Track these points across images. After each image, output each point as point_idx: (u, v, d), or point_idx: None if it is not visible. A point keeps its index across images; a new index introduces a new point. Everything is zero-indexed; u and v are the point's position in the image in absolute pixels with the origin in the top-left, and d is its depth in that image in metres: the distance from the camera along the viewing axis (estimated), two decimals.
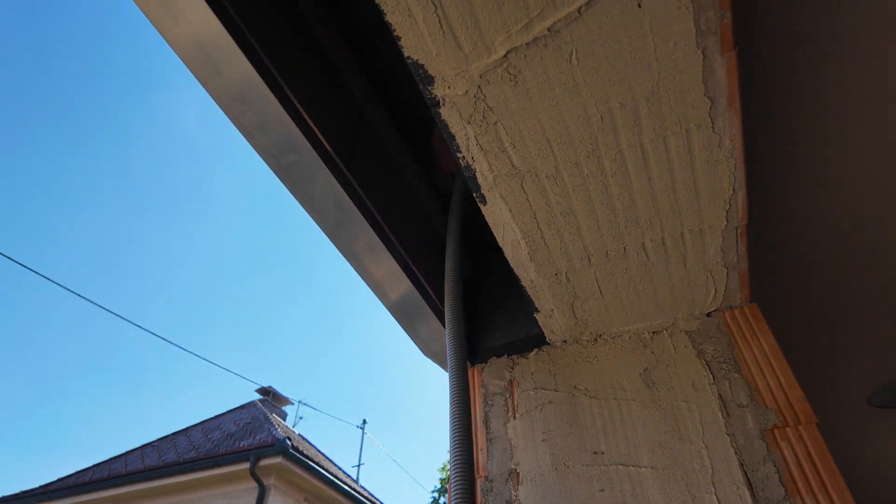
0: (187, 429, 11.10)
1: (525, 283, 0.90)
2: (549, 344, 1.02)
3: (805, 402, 0.78)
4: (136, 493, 8.48)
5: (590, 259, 0.85)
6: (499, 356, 1.05)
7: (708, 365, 0.87)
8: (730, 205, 0.76)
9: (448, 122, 0.67)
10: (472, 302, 1.18)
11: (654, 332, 0.95)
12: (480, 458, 0.92)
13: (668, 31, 0.58)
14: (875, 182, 1.14)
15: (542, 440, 0.89)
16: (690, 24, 0.58)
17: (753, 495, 0.72)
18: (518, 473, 0.88)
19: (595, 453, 0.85)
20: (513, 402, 0.97)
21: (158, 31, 0.67)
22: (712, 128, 0.67)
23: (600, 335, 0.99)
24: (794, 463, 0.73)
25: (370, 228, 0.85)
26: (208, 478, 7.54)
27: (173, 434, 11.05)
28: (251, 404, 11.24)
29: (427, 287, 1.02)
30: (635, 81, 0.63)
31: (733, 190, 0.74)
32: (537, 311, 0.95)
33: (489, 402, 0.99)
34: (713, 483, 0.75)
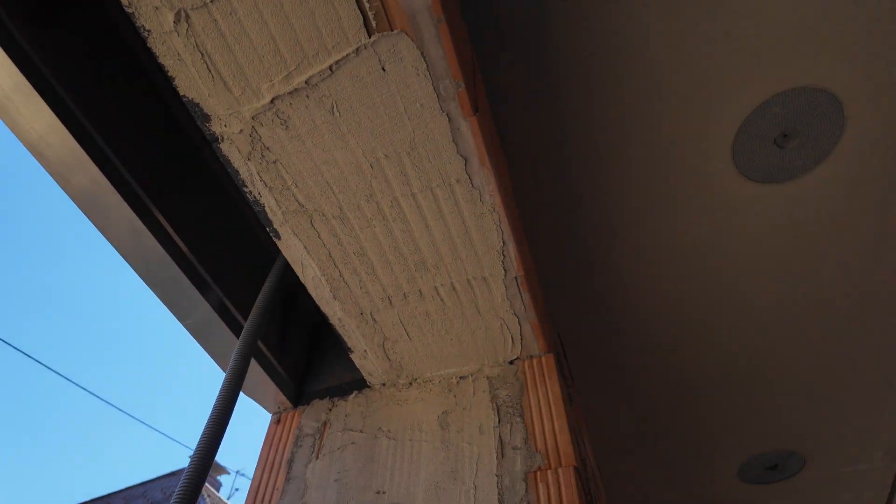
0: (109, 495, 10.28)
1: (334, 322, 0.93)
2: (369, 387, 1.04)
3: (570, 446, 0.83)
4: None
5: (390, 300, 0.90)
6: (321, 398, 1.06)
7: (498, 409, 0.91)
8: (503, 255, 0.84)
9: (229, 158, 0.73)
10: (314, 344, 1.20)
11: (460, 378, 0.99)
12: (275, 497, 0.91)
13: (413, 95, 0.67)
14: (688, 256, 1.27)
15: (335, 480, 0.90)
16: (431, 90, 0.67)
17: None
18: None
19: (378, 492, 0.86)
20: (320, 442, 0.97)
21: None
22: (471, 183, 0.75)
23: (415, 379, 1.02)
24: (545, 502, 0.77)
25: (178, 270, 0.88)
26: None
27: (93, 500, 10.28)
28: (182, 471, 10.49)
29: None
30: (395, 136, 0.71)
31: (503, 241, 0.82)
32: (351, 351, 0.98)
33: (298, 444, 0.99)
34: None
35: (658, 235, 1.24)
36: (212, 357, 0.97)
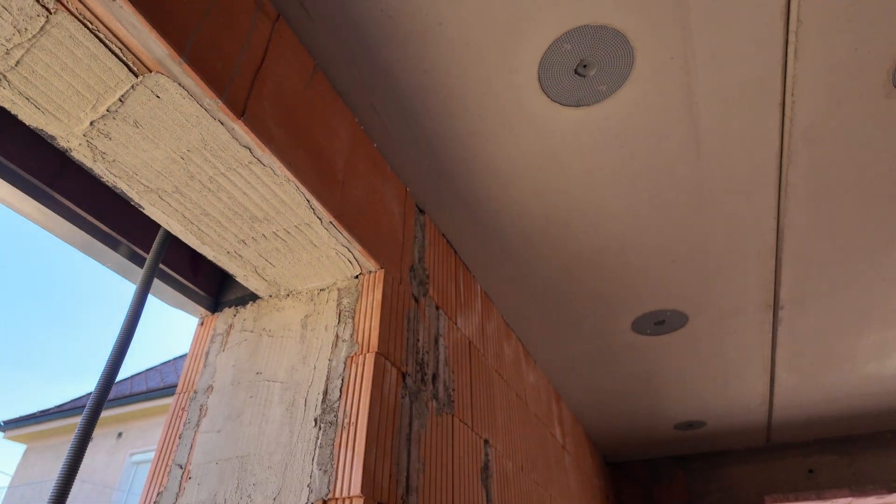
0: (132, 377, 12.43)
1: (212, 259, 1.25)
2: (260, 298, 1.39)
3: (377, 339, 1.16)
4: (141, 411, 10.14)
5: (245, 242, 1.19)
6: (229, 307, 1.42)
7: (340, 313, 1.24)
8: (312, 208, 1.10)
9: (82, 161, 0.99)
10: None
11: (320, 290, 1.32)
12: (195, 379, 1.31)
13: (188, 110, 0.90)
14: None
15: (232, 365, 1.28)
16: (198, 106, 0.89)
17: (324, 398, 1.12)
18: (212, 387, 1.27)
19: (257, 373, 1.24)
20: (225, 340, 1.35)
21: None
22: (261, 163, 0.99)
23: (290, 292, 1.35)
24: (352, 376, 1.12)
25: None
26: None
27: (175, 359, 12.34)
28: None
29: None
30: (188, 138, 0.94)
31: (307, 199, 1.07)
32: (235, 276, 1.31)
33: (213, 341, 1.37)
34: (308, 390, 1.14)
35: (504, 156, 1.43)
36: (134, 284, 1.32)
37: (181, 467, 1.16)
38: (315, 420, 1.09)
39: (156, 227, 1.28)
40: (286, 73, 1.10)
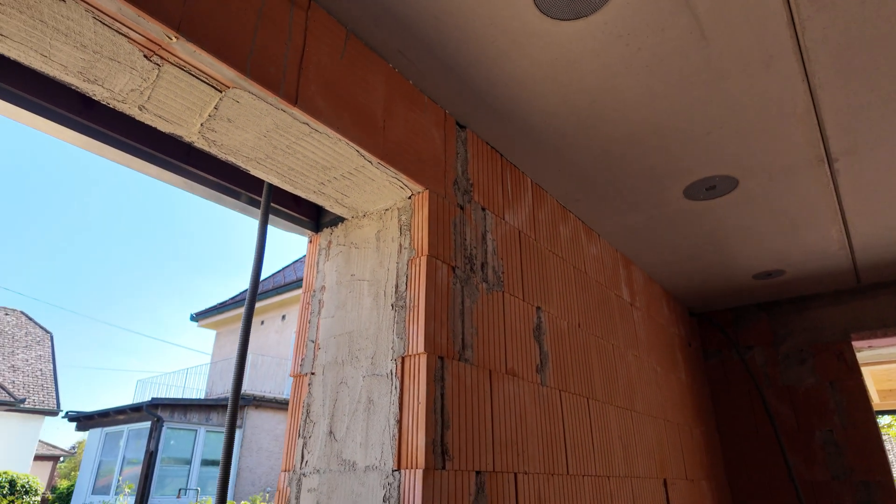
0: (273, 275, 14.76)
1: (305, 197, 1.67)
2: (346, 219, 1.82)
3: (427, 244, 1.54)
4: (293, 298, 12.91)
5: (323, 184, 1.59)
6: (327, 228, 1.88)
7: (400, 227, 1.64)
8: (362, 156, 1.44)
9: (202, 147, 1.41)
10: None
11: (385, 210, 1.71)
12: (313, 281, 1.83)
13: (258, 107, 1.26)
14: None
15: (335, 270, 1.76)
16: (265, 104, 1.24)
17: (396, 290, 1.55)
18: (324, 287, 1.77)
19: (352, 275, 1.71)
20: (328, 251, 1.83)
21: None
22: (318, 131, 1.35)
23: (365, 213, 1.76)
24: (413, 274, 1.53)
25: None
26: None
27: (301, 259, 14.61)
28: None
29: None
30: (265, 123, 1.31)
31: (356, 150, 1.42)
32: (324, 206, 1.74)
33: (320, 254, 1.85)
34: (385, 285, 1.59)
35: (522, 71, 1.61)
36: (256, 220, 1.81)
37: (313, 342, 1.71)
38: (392, 305, 1.54)
39: (262, 181, 1.73)
40: (324, 51, 1.39)
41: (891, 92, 1.71)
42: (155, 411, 12.20)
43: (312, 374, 1.66)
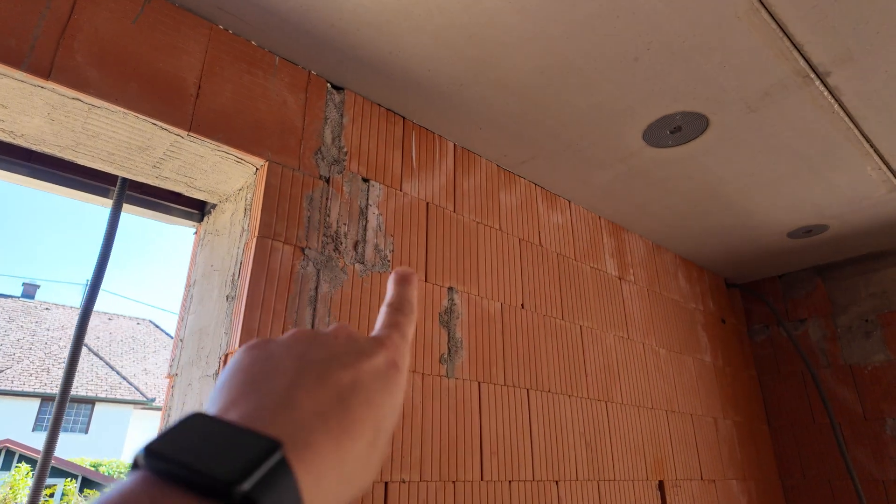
0: None
1: (156, 185, 1.54)
2: (215, 205, 1.67)
3: (259, 225, 1.34)
4: None
5: (156, 167, 1.45)
6: (205, 217, 1.74)
7: (245, 208, 1.45)
8: (166, 129, 1.27)
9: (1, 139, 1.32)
10: None
11: (238, 190, 1.53)
12: (190, 276, 1.70)
13: (18, 87, 1.13)
14: None
15: (203, 262, 1.62)
16: (19, 81, 1.11)
17: (232, 279, 1.37)
18: (196, 280, 1.64)
19: (211, 265, 1.55)
20: (202, 242, 1.69)
21: None
22: (95, 105, 1.19)
23: (227, 196, 1.59)
24: (245, 259, 1.34)
25: None
26: None
27: None
28: None
29: None
30: (38, 104, 1.19)
31: (154, 124, 1.25)
32: (182, 192, 1.59)
33: (199, 245, 1.72)
34: (227, 275, 1.41)
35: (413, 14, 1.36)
36: None
37: (182, 341, 1.58)
38: (227, 297, 1.37)
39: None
40: (104, 17, 1.24)
41: None
42: None
43: (176, 375, 1.53)
